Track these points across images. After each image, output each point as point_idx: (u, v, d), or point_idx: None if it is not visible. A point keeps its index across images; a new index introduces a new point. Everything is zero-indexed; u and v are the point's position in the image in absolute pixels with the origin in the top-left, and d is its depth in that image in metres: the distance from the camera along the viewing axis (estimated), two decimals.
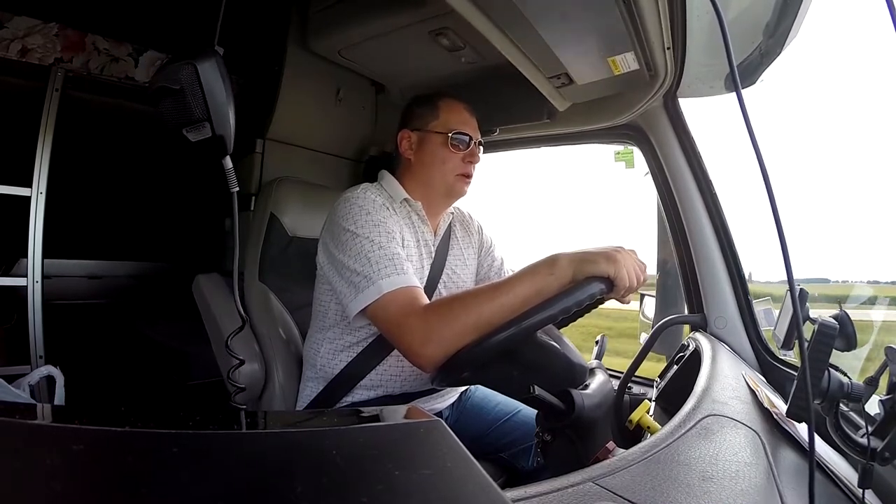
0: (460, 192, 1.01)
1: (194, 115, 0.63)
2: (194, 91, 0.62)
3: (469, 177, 1.00)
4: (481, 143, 1.02)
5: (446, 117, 0.99)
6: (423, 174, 0.99)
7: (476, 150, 1.00)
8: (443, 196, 1.01)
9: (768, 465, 0.56)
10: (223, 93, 0.64)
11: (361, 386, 0.94)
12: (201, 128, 0.63)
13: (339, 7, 1.13)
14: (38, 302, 1.37)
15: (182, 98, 0.62)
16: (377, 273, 0.78)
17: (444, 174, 0.98)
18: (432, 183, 0.99)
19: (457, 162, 0.98)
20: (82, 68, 1.41)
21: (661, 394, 1.01)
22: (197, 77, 0.62)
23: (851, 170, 9.30)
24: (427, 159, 0.99)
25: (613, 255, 0.69)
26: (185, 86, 0.62)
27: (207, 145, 0.64)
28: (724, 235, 1.12)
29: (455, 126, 0.97)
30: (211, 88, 0.63)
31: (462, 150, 0.98)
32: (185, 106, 0.62)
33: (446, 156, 0.97)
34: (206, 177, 1.87)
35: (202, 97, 0.62)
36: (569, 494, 0.43)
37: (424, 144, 0.99)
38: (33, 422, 0.29)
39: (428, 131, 0.99)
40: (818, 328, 0.58)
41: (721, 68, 1.01)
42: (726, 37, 0.44)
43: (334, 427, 0.34)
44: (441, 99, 1.01)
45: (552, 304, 0.64)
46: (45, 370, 1.03)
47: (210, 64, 0.63)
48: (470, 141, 0.98)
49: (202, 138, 0.64)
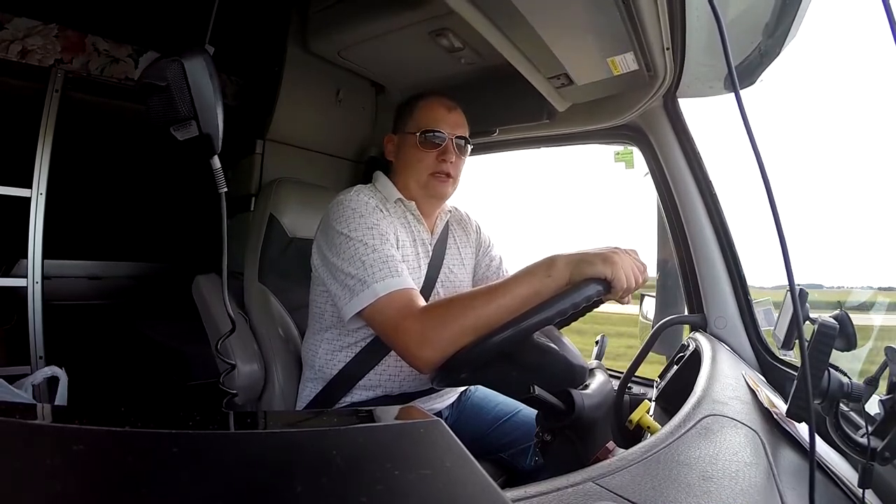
0: (439, 191, 0.98)
1: (180, 112, 0.62)
2: (181, 89, 0.61)
3: (445, 174, 0.97)
4: (467, 141, 1.00)
5: (419, 116, 0.98)
6: (403, 176, 0.99)
7: (450, 148, 0.96)
8: (424, 196, 1.00)
9: (768, 465, 0.56)
10: (211, 91, 0.63)
11: (360, 386, 0.94)
12: (188, 126, 0.62)
13: (338, 7, 1.13)
14: (38, 302, 1.37)
15: (169, 95, 0.61)
16: (371, 276, 0.78)
17: (418, 174, 0.97)
18: (410, 184, 0.98)
19: (430, 161, 0.96)
20: (82, 69, 1.41)
21: (661, 394, 1.01)
22: (184, 74, 0.61)
23: (846, 173, 9.30)
24: (402, 161, 0.99)
25: (611, 257, 0.68)
26: (171, 83, 0.61)
27: (195, 144, 0.63)
28: (724, 235, 1.12)
29: (426, 125, 0.96)
30: (198, 86, 0.61)
31: (433, 149, 0.96)
32: (172, 103, 0.61)
33: (419, 155, 0.96)
34: (205, 177, 1.87)
35: (189, 95, 0.61)
36: (569, 494, 0.43)
37: (401, 146, 1.00)
38: (33, 422, 0.29)
39: (405, 133, 0.99)
40: (818, 328, 0.58)
41: (721, 68, 1.01)
42: (724, 37, 0.44)
43: (334, 427, 0.34)
44: (422, 99, 1.00)
45: (548, 306, 0.64)
46: (49, 370, 1.03)
47: (198, 61, 0.62)
48: (444, 139, 0.96)
49: (189, 137, 0.63)
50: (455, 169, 0.98)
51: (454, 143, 0.97)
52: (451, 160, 0.97)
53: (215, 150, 0.65)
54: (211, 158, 0.66)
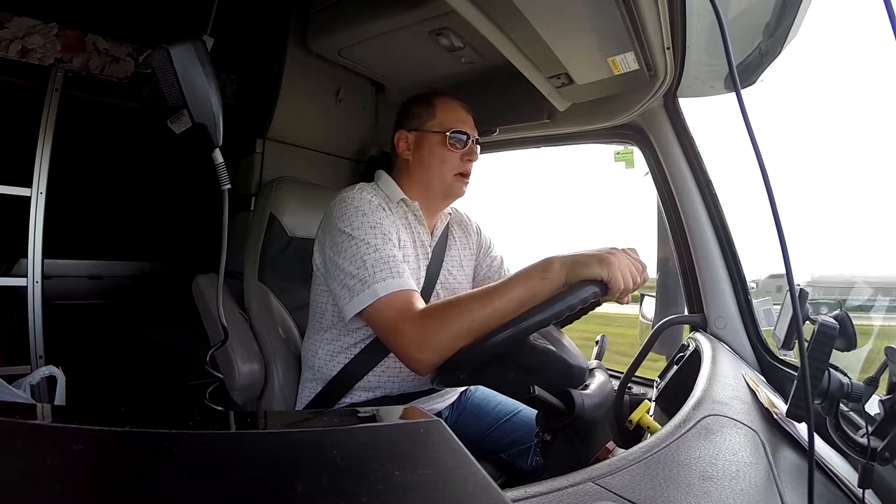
0: (458, 193, 1.00)
1: (168, 100, 0.60)
2: (167, 75, 0.60)
3: (467, 176, 0.99)
4: (478, 142, 1.01)
5: (443, 116, 0.98)
6: (422, 175, 0.98)
7: (474, 149, 0.99)
8: (441, 196, 1.00)
9: (768, 465, 0.56)
10: (202, 79, 0.62)
11: (360, 387, 0.94)
12: (181, 116, 0.61)
13: (339, 7, 1.13)
14: (38, 302, 1.37)
15: (155, 83, 0.60)
16: (372, 276, 0.78)
17: (442, 174, 0.97)
18: (431, 183, 0.98)
19: (455, 161, 0.97)
20: (82, 68, 1.41)
21: (661, 394, 1.01)
22: (169, 61, 0.60)
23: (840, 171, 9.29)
24: (425, 159, 0.98)
25: (607, 258, 0.68)
26: (156, 69, 0.60)
27: (192, 137, 0.62)
28: (724, 235, 1.12)
29: (452, 125, 0.97)
30: (186, 73, 0.60)
31: (460, 149, 0.97)
32: (159, 92, 0.60)
33: (445, 155, 0.97)
34: (205, 176, 1.87)
35: (176, 81, 0.60)
36: (569, 494, 0.43)
37: (422, 144, 0.98)
38: (33, 422, 0.29)
39: (425, 131, 0.98)
40: (818, 328, 0.58)
41: (721, 68, 1.01)
42: (725, 37, 0.44)
43: (334, 427, 0.34)
44: (437, 98, 1.00)
45: (543, 309, 0.63)
46: (46, 370, 1.03)
47: (185, 48, 0.61)
48: (468, 139, 0.98)
49: (184, 129, 0.62)
50: (471, 170, 1.01)
51: (474, 144, 1.00)
52: (475, 160, 1.00)
53: (215, 143, 0.64)
54: (212, 152, 0.65)
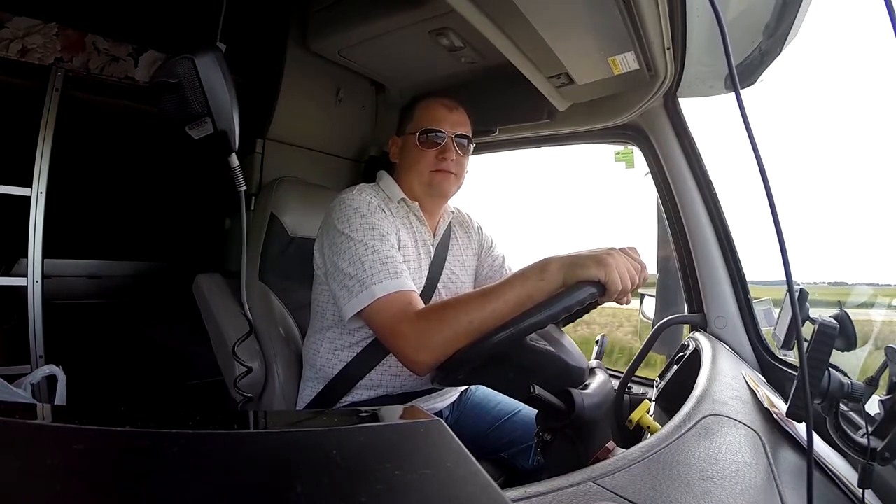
0: (442, 188, 0.98)
1: (193, 109, 0.62)
2: (193, 85, 0.61)
3: (447, 171, 0.97)
4: (469, 139, 1.00)
5: (419, 117, 0.99)
6: (406, 177, 1.00)
7: (450, 146, 0.97)
8: (426, 195, 1.00)
9: (768, 465, 0.56)
10: (224, 88, 0.63)
11: (361, 386, 0.94)
12: (203, 123, 0.63)
13: (339, 7, 1.13)
14: (38, 302, 1.37)
15: (181, 92, 0.61)
16: (370, 278, 0.79)
17: (419, 173, 0.98)
18: (412, 184, 0.99)
19: (430, 160, 0.97)
20: (82, 68, 1.41)
21: (661, 394, 1.01)
22: (195, 71, 0.61)
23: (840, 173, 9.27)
24: (405, 161, 1.00)
25: (604, 259, 0.67)
26: (182, 80, 0.61)
27: (211, 142, 0.64)
28: (724, 235, 1.12)
29: (425, 124, 0.97)
30: (210, 83, 0.62)
31: (433, 148, 0.96)
32: (184, 100, 0.62)
33: (419, 155, 0.97)
34: (206, 176, 1.87)
35: (201, 91, 0.62)
36: (569, 494, 0.43)
37: (404, 147, 1.01)
38: (34, 422, 0.29)
39: (407, 134, 1.00)
40: (818, 328, 0.58)
41: (721, 68, 1.01)
42: (725, 37, 0.44)
43: (334, 427, 0.35)
44: (422, 100, 1.01)
45: (540, 310, 0.63)
46: (47, 369, 1.03)
47: (209, 58, 0.62)
48: (443, 137, 0.96)
49: (205, 135, 0.63)
50: (458, 167, 0.99)
51: (454, 142, 0.97)
52: (452, 158, 0.97)
53: (232, 148, 0.66)
54: (229, 156, 0.66)
